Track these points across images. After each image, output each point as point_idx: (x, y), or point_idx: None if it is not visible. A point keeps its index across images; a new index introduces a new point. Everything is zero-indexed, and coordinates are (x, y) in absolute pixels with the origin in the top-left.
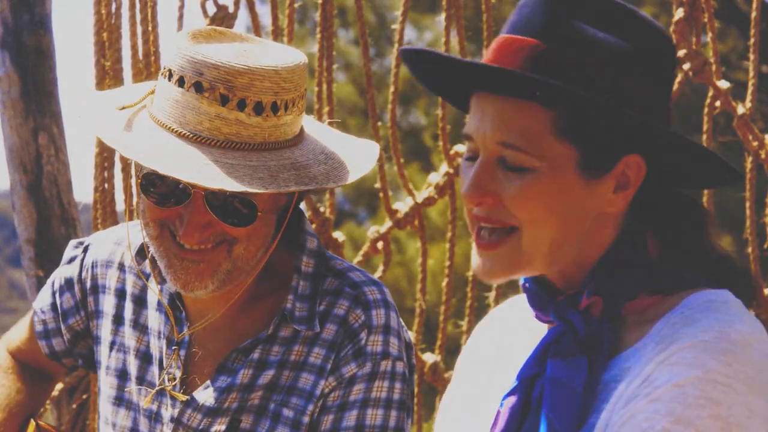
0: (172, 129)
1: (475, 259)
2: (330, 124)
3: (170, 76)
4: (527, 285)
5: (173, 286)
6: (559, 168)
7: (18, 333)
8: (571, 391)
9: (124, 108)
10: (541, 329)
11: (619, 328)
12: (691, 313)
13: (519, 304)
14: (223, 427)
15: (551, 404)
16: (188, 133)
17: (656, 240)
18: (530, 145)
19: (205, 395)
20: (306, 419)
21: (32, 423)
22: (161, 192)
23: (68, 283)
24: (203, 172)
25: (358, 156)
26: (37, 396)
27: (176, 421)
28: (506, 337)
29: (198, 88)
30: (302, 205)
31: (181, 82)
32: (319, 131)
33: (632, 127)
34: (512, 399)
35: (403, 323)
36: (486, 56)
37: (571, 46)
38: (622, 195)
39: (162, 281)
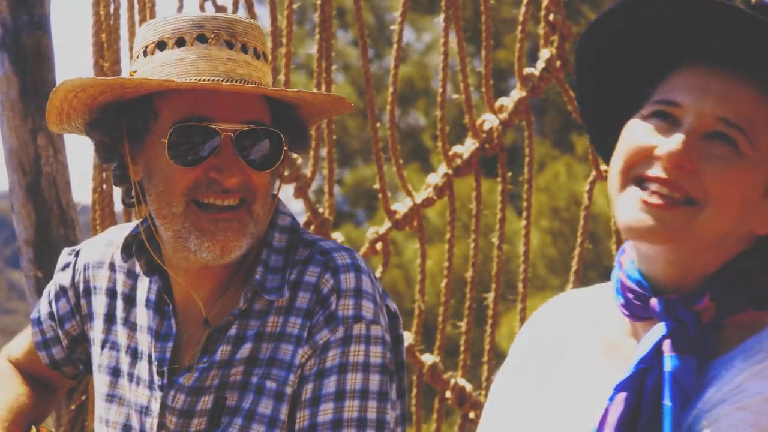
0: (190, 81)
1: (636, 214)
2: None
3: (162, 46)
4: (628, 276)
5: (207, 256)
6: (761, 166)
7: (17, 346)
8: (684, 389)
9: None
10: (614, 325)
11: (717, 336)
12: None
13: (576, 298)
14: (209, 406)
15: (673, 398)
16: (208, 78)
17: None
18: (751, 132)
19: (187, 376)
20: (288, 390)
21: (33, 429)
22: (191, 143)
23: (63, 290)
24: (238, 86)
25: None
26: (42, 403)
27: (162, 405)
28: (567, 330)
29: (202, 39)
30: (300, 206)
31: (180, 42)
32: None
33: None
34: (623, 394)
35: (381, 288)
36: None
37: None
38: None
39: (149, 273)
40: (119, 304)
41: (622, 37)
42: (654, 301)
